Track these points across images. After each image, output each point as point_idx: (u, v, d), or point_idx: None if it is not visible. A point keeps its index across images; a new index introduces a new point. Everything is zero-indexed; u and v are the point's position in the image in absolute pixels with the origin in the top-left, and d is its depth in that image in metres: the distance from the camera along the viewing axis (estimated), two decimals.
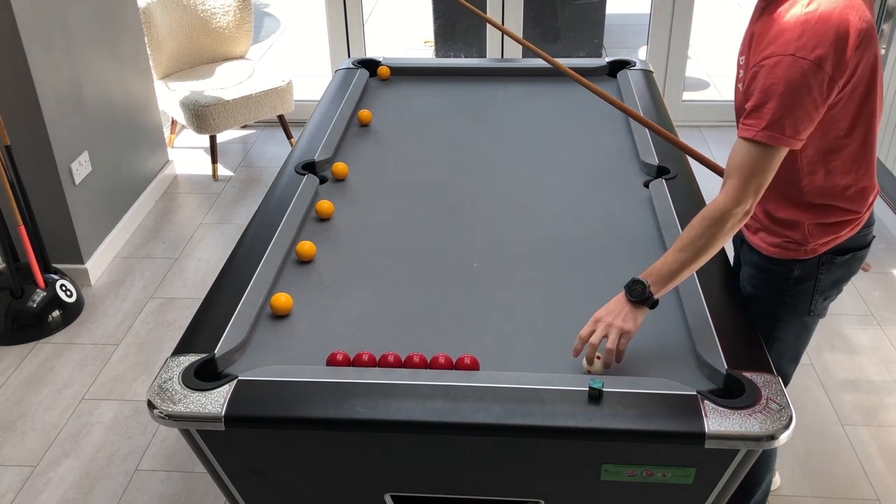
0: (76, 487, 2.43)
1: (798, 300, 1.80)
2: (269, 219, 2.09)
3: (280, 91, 4.19)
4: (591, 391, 1.46)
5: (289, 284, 1.89)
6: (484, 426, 1.44)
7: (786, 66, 1.46)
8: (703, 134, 4.49)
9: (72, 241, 3.28)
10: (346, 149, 2.54)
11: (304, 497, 1.65)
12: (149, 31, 3.99)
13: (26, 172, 3.04)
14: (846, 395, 2.72)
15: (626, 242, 2.04)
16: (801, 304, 1.81)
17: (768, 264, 1.80)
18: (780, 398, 1.46)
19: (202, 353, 1.60)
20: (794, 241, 1.74)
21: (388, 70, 3.07)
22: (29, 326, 3.05)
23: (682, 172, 2.30)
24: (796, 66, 1.45)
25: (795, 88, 1.46)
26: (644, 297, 1.60)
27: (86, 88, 3.33)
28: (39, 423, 2.67)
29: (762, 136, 1.50)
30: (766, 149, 1.51)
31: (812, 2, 1.49)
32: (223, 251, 3.55)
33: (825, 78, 1.46)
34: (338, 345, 1.68)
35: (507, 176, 2.37)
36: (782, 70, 1.46)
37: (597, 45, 5.14)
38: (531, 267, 1.95)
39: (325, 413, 1.47)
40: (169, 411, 1.46)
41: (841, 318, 3.07)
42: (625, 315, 1.59)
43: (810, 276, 1.77)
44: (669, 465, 1.47)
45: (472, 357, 1.60)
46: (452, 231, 2.11)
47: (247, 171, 4.30)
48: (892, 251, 3.44)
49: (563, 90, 2.95)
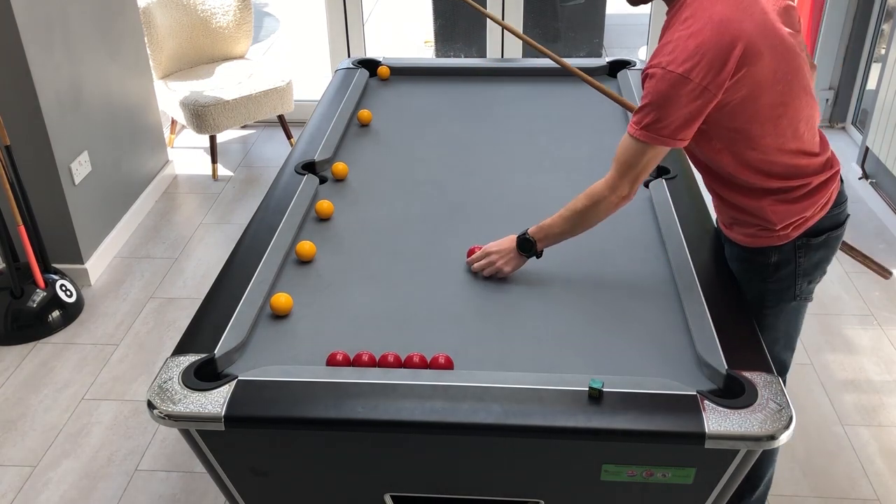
0: (76, 487, 2.43)
1: (782, 286, 1.87)
2: (269, 219, 2.09)
3: (280, 91, 4.19)
4: (591, 391, 1.46)
5: (289, 284, 1.89)
6: (484, 426, 1.44)
7: (658, 78, 1.62)
8: None
9: (72, 241, 3.28)
10: (346, 149, 2.54)
11: (303, 497, 1.65)
12: (149, 31, 3.99)
13: (26, 172, 3.04)
14: (846, 395, 2.72)
15: (625, 242, 2.04)
16: (786, 289, 1.88)
17: (748, 254, 1.88)
18: (780, 398, 1.46)
19: (202, 353, 1.60)
20: (764, 227, 1.81)
21: (388, 70, 3.07)
22: (29, 326, 3.05)
23: (682, 172, 2.30)
24: (666, 78, 1.61)
25: (666, 97, 1.62)
26: (530, 252, 1.89)
27: (86, 88, 3.33)
28: (39, 423, 2.67)
29: (639, 133, 1.68)
30: (643, 145, 1.68)
31: (688, 20, 1.63)
32: (223, 251, 3.55)
33: (695, 87, 1.59)
34: (338, 345, 1.68)
35: (507, 176, 2.37)
36: (655, 81, 1.63)
37: (597, 45, 5.14)
38: (531, 267, 1.94)
39: (325, 413, 1.47)
40: (169, 411, 1.46)
41: (841, 318, 3.07)
42: (508, 259, 1.90)
43: (789, 260, 1.84)
44: (669, 465, 1.47)
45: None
46: (452, 231, 2.11)
47: (247, 171, 4.30)
48: (893, 251, 3.44)
49: (563, 90, 2.96)
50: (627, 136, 1.71)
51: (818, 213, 1.81)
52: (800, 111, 1.72)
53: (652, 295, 1.83)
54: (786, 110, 1.69)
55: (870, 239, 3.52)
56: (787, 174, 1.75)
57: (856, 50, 4.39)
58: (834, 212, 1.84)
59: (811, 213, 1.80)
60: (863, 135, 4.03)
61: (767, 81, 1.64)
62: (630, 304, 1.81)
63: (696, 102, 1.61)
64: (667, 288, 1.85)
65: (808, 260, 1.85)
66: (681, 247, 1.94)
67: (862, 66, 4.40)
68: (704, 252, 1.93)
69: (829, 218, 1.83)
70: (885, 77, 3.72)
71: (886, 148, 3.69)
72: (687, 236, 1.98)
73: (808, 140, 1.76)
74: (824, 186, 1.80)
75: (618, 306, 1.80)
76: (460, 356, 1.64)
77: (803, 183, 1.77)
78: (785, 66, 1.66)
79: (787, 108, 1.69)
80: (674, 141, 1.67)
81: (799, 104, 1.71)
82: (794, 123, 1.72)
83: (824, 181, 1.80)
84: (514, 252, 1.89)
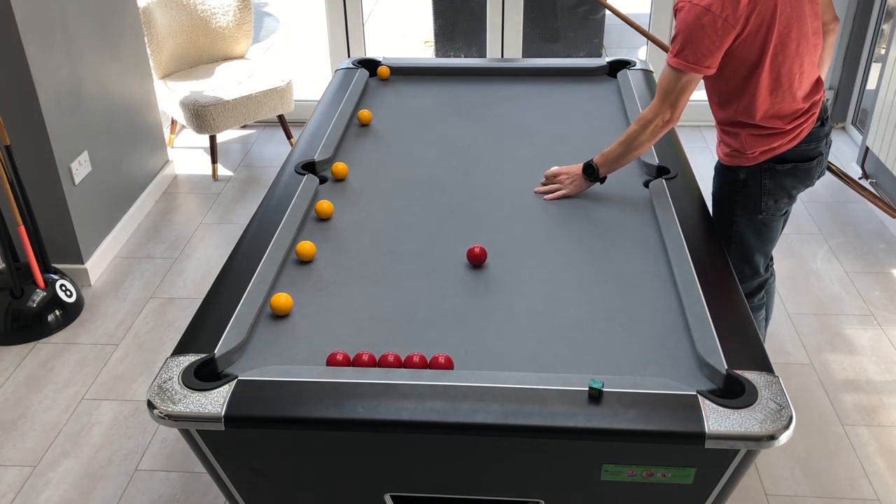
0: (76, 487, 2.43)
1: (748, 199, 2.22)
2: (269, 219, 2.09)
3: (280, 91, 4.19)
4: (591, 391, 1.46)
5: (289, 284, 1.89)
6: (484, 426, 1.44)
7: (685, 10, 1.96)
8: (702, 134, 4.49)
9: (72, 240, 3.28)
10: (346, 149, 2.54)
11: (304, 497, 1.65)
12: (149, 31, 3.99)
13: (26, 172, 3.04)
14: (846, 395, 2.72)
15: (625, 242, 2.04)
16: (752, 202, 2.22)
17: (723, 170, 2.27)
18: (780, 398, 1.46)
19: (202, 353, 1.60)
20: (737, 149, 2.18)
21: (388, 70, 3.07)
22: (29, 326, 3.05)
23: (682, 172, 2.30)
24: (692, 11, 1.94)
25: (691, 27, 1.95)
26: (594, 176, 2.23)
27: (86, 88, 3.33)
28: (39, 423, 2.67)
29: (673, 62, 2.02)
30: (677, 72, 2.02)
31: None
32: (223, 251, 3.55)
33: (716, 19, 1.92)
34: (338, 345, 1.68)
35: (507, 176, 2.37)
36: (683, 13, 1.97)
37: (597, 45, 5.13)
38: (531, 267, 1.95)
39: (325, 413, 1.47)
40: (169, 411, 1.46)
41: (841, 318, 3.07)
42: (576, 184, 2.24)
43: (755, 179, 2.19)
44: (669, 465, 1.47)
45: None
46: (452, 231, 2.11)
47: (247, 171, 4.30)
48: (892, 251, 3.44)
49: (563, 90, 2.96)
50: (665, 66, 2.04)
51: (786, 145, 2.13)
52: (795, 59, 2.04)
53: (652, 295, 1.83)
54: (785, 57, 2.02)
55: (870, 239, 3.53)
56: (764, 118, 2.09)
57: (856, 50, 4.39)
58: (803, 146, 2.15)
59: (778, 145, 2.13)
60: (863, 135, 4.03)
61: (772, 20, 1.96)
62: (630, 304, 1.81)
63: (718, 33, 1.93)
64: (667, 288, 1.85)
65: (772, 182, 2.18)
66: (681, 247, 1.94)
67: (862, 66, 4.40)
68: (704, 252, 1.93)
69: (797, 150, 2.15)
70: (885, 77, 3.72)
71: (886, 148, 3.69)
72: (687, 236, 1.98)
73: (796, 90, 2.08)
74: (797, 129, 2.12)
75: (618, 306, 1.80)
76: (460, 356, 1.64)
77: (776, 126, 2.11)
78: (789, 10, 1.98)
79: (786, 52, 2.02)
80: (701, 68, 1.99)
81: (795, 50, 2.03)
82: (790, 73, 2.05)
83: (798, 125, 2.12)
84: (580, 176, 2.22)
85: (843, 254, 3.44)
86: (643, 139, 2.13)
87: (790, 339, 2.97)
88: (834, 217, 3.72)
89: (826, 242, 3.53)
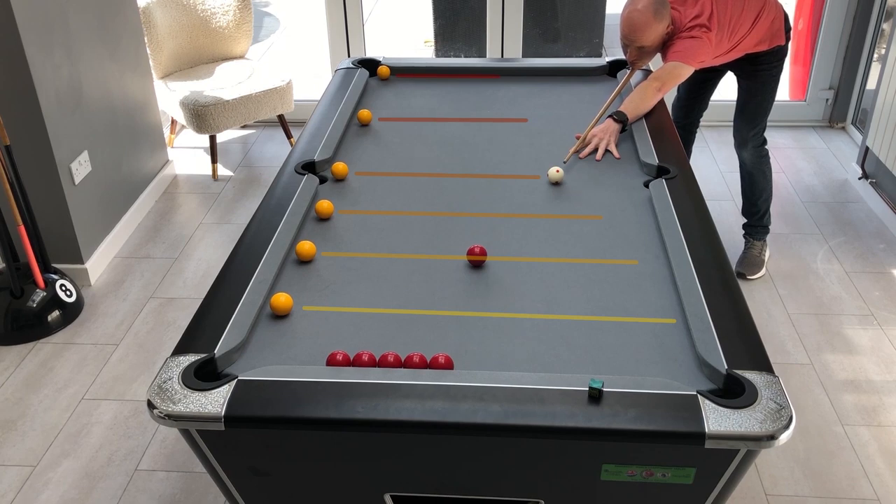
0: (76, 487, 2.43)
1: (781, 67, 3.03)
2: (269, 219, 2.09)
3: (280, 91, 4.19)
4: (591, 391, 1.46)
5: (289, 284, 1.89)
6: (484, 426, 1.44)
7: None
8: (703, 134, 4.49)
9: (71, 240, 3.28)
10: (346, 149, 2.54)
11: (304, 497, 1.65)
12: (149, 31, 3.99)
13: (26, 172, 3.04)
14: (846, 395, 2.72)
15: (625, 242, 2.04)
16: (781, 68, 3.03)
17: (768, 53, 2.96)
18: (780, 398, 1.46)
19: (202, 353, 1.60)
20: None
21: (388, 70, 3.07)
22: (29, 326, 3.05)
23: (682, 172, 2.30)
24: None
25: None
26: (625, 122, 2.58)
27: (86, 88, 3.33)
28: (39, 423, 2.67)
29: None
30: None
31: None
32: (223, 251, 3.55)
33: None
34: (338, 345, 1.68)
35: (507, 176, 2.37)
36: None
37: (597, 45, 5.14)
38: (531, 267, 1.95)
39: (325, 413, 1.47)
40: (169, 411, 1.46)
41: (841, 318, 3.07)
42: (612, 133, 2.53)
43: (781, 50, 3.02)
44: (669, 465, 1.47)
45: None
46: (452, 231, 2.11)
47: (247, 170, 4.30)
48: (893, 251, 3.44)
49: (563, 90, 2.96)
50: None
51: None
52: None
53: (652, 295, 1.83)
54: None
55: (870, 239, 3.53)
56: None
57: (856, 50, 4.39)
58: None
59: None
60: (863, 135, 4.03)
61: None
62: (630, 304, 1.81)
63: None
64: (667, 288, 1.85)
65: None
66: (681, 247, 1.94)
67: (862, 66, 4.40)
68: (704, 252, 1.93)
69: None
70: (885, 77, 3.72)
71: (886, 148, 3.69)
72: (687, 236, 1.98)
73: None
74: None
75: (618, 306, 1.80)
76: (460, 356, 1.64)
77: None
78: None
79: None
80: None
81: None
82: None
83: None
84: (612, 125, 2.54)
85: (843, 254, 3.44)
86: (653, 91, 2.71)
87: (790, 339, 2.97)
88: (834, 217, 3.72)
89: (826, 242, 3.53)
